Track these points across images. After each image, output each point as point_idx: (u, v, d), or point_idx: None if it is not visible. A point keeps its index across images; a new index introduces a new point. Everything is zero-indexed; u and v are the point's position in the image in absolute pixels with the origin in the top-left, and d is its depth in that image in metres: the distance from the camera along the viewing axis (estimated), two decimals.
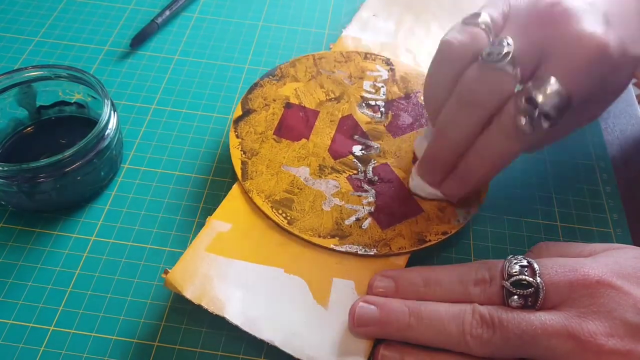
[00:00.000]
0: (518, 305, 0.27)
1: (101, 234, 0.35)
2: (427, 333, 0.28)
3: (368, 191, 0.36)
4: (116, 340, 0.31)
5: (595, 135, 0.43)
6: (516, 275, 0.28)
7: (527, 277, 0.28)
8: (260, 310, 0.30)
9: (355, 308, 0.30)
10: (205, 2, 0.51)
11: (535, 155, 0.41)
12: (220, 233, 0.33)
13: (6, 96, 0.36)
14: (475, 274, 0.29)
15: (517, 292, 0.27)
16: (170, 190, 0.37)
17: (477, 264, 0.30)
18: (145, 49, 0.46)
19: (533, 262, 0.28)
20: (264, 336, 0.29)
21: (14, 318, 0.31)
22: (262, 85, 0.41)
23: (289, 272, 0.32)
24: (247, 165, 0.36)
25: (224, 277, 0.31)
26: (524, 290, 0.27)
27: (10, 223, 0.35)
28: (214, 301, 0.30)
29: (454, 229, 0.34)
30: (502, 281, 0.28)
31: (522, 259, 0.29)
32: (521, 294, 0.27)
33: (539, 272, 0.28)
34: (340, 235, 0.34)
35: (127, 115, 0.41)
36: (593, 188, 0.39)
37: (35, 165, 0.32)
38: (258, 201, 0.35)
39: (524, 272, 0.28)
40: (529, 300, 0.27)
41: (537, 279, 0.27)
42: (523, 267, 0.28)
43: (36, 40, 0.46)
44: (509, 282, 0.28)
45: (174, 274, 0.31)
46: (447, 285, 0.30)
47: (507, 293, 0.28)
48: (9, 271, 0.33)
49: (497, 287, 0.28)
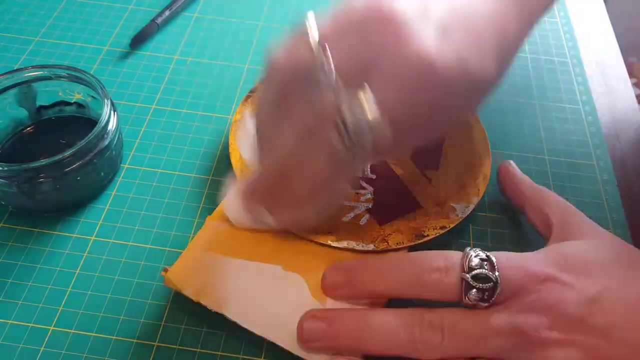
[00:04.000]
0: (475, 298, 0.27)
1: (101, 234, 0.35)
2: (377, 344, 0.28)
3: (366, 188, 0.36)
4: (116, 340, 0.31)
5: (595, 136, 0.43)
6: (477, 268, 0.28)
7: (487, 271, 0.27)
8: (259, 307, 0.30)
9: (302, 323, 0.29)
10: (205, 2, 0.51)
11: (536, 155, 0.41)
12: (219, 232, 0.33)
13: (6, 96, 0.36)
14: (431, 262, 0.29)
15: (477, 285, 0.27)
16: (170, 190, 0.37)
17: (434, 253, 0.30)
18: (145, 49, 0.46)
19: (491, 256, 0.28)
20: (263, 333, 0.30)
21: (14, 318, 0.31)
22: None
23: (287, 269, 0.32)
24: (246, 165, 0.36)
25: (222, 275, 0.31)
26: (483, 285, 0.27)
27: (10, 223, 0.35)
28: (213, 299, 0.30)
29: (452, 223, 0.34)
30: (462, 273, 0.28)
31: (480, 252, 0.28)
32: (480, 288, 0.27)
33: (497, 267, 0.28)
34: (338, 232, 0.34)
35: (127, 115, 0.41)
36: (593, 188, 0.39)
37: (35, 165, 0.32)
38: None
39: (484, 266, 0.28)
40: (486, 294, 0.27)
41: (496, 273, 0.27)
42: (482, 260, 0.28)
43: (36, 40, 0.46)
44: (470, 276, 0.27)
45: (174, 272, 0.31)
46: (398, 272, 0.29)
47: (467, 286, 0.28)
48: (9, 271, 0.33)
49: (455, 278, 0.28)
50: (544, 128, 0.43)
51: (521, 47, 0.31)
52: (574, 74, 0.47)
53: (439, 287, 0.28)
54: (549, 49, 0.49)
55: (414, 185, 0.37)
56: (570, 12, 0.53)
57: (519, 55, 0.48)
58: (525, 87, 0.46)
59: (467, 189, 0.36)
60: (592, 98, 0.45)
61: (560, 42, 0.50)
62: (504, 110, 0.44)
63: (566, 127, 0.43)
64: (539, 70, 0.47)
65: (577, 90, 0.46)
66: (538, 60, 0.48)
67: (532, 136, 0.42)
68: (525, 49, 0.49)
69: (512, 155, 0.41)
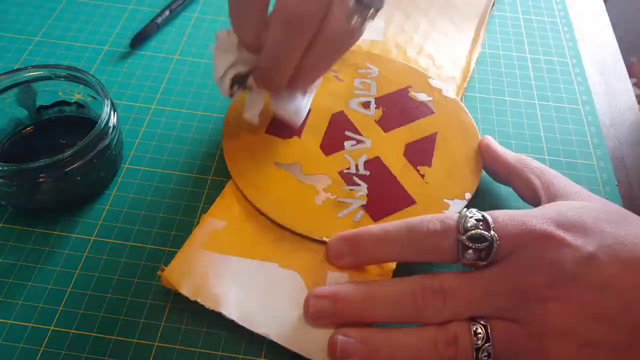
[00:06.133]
0: (472, 258, 0.28)
1: (101, 234, 0.35)
2: (382, 314, 0.29)
3: (360, 185, 0.36)
4: (116, 340, 0.31)
5: (594, 135, 0.43)
6: (472, 229, 0.28)
7: (483, 231, 0.28)
8: (256, 305, 0.31)
9: (308, 301, 0.30)
10: (205, 2, 0.51)
11: (536, 155, 0.41)
12: (215, 230, 0.33)
13: (6, 96, 0.36)
14: (428, 226, 0.30)
15: (473, 246, 0.28)
16: (170, 190, 0.37)
17: (428, 217, 0.30)
18: (145, 49, 0.46)
19: (487, 216, 0.29)
20: (260, 330, 0.30)
21: (14, 318, 0.31)
22: None
23: (284, 267, 0.32)
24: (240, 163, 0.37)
25: (219, 274, 0.32)
26: (479, 245, 0.28)
27: (10, 223, 0.35)
28: (210, 297, 0.30)
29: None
30: (457, 235, 0.29)
31: (476, 213, 0.29)
32: (476, 248, 0.28)
33: (492, 226, 0.28)
34: (332, 228, 0.34)
35: (127, 115, 0.41)
36: (593, 188, 0.39)
37: (35, 165, 0.32)
38: (251, 198, 0.35)
39: (479, 227, 0.28)
40: (482, 253, 0.28)
41: (491, 232, 0.28)
42: (478, 220, 0.29)
43: (36, 40, 0.46)
44: (465, 237, 0.28)
45: (170, 271, 0.31)
46: (397, 238, 0.30)
47: (463, 247, 0.28)
48: (9, 271, 0.33)
49: (452, 240, 0.29)
50: (544, 128, 0.43)
51: None
52: (573, 74, 0.47)
53: (437, 250, 0.29)
54: (549, 49, 0.49)
55: (408, 181, 0.37)
56: (570, 12, 0.53)
57: (518, 55, 0.48)
58: (525, 87, 0.46)
59: (460, 184, 0.37)
60: (592, 98, 0.45)
61: (561, 42, 0.50)
62: (503, 111, 0.44)
63: (566, 127, 0.43)
64: (539, 70, 0.47)
65: (577, 90, 0.46)
66: (538, 60, 0.48)
67: (532, 136, 0.42)
68: (525, 49, 0.49)
69: None
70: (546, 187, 0.33)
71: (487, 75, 0.47)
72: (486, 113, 0.44)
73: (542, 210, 0.30)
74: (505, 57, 0.48)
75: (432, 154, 0.38)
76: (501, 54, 0.49)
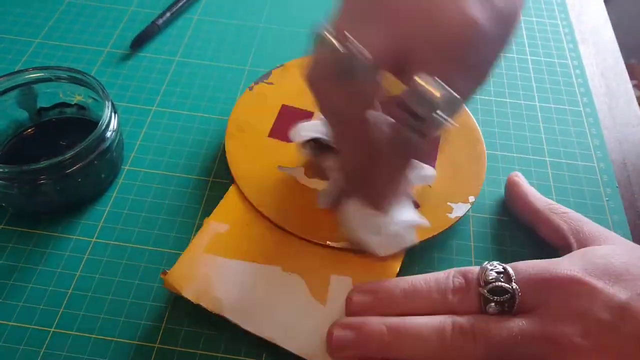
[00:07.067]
0: (495, 311, 0.28)
1: (102, 236, 0.35)
2: (407, 349, 0.28)
3: None
4: (117, 341, 0.30)
5: (595, 137, 0.43)
6: (493, 282, 0.28)
7: (503, 283, 0.28)
8: (259, 308, 0.31)
9: (332, 334, 0.29)
10: (206, 4, 0.51)
11: (536, 157, 0.41)
12: (218, 234, 0.33)
13: (7, 98, 0.36)
14: (453, 282, 0.29)
15: (494, 298, 0.27)
16: (171, 192, 0.37)
17: (453, 272, 0.30)
18: (146, 50, 0.46)
19: (508, 268, 0.28)
20: (263, 334, 0.30)
21: (14, 320, 0.31)
22: (256, 89, 0.41)
23: (287, 270, 0.32)
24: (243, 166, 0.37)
25: (222, 277, 0.31)
26: (500, 297, 0.27)
27: (11, 225, 0.35)
28: (213, 300, 0.30)
29: (450, 223, 0.35)
30: (478, 288, 0.28)
31: (497, 265, 0.29)
32: (498, 301, 0.27)
33: (514, 278, 0.28)
34: (336, 232, 0.34)
35: (128, 117, 0.41)
36: (593, 190, 0.39)
37: (36, 167, 0.32)
38: (254, 202, 0.35)
39: (500, 279, 0.28)
40: (505, 305, 0.27)
41: (512, 284, 0.28)
42: (499, 273, 0.28)
43: (37, 42, 0.46)
44: (486, 290, 0.28)
45: (173, 274, 0.31)
46: (425, 294, 0.29)
47: (485, 300, 0.28)
48: (10, 273, 0.33)
49: (474, 294, 0.28)
50: (544, 129, 0.43)
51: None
52: (574, 76, 0.47)
53: (461, 306, 0.28)
54: (549, 50, 0.49)
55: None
56: (571, 13, 0.53)
57: (519, 56, 0.48)
58: (526, 88, 0.46)
59: (463, 188, 0.36)
60: (593, 100, 0.45)
61: (561, 43, 0.50)
62: (504, 112, 0.44)
63: (567, 129, 0.43)
64: (540, 71, 0.47)
65: (578, 92, 0.46)
66: (539, 62, 0.48)
67: (533, 138, 0.42)
68: (526, 50, 0.49)
69: (513, 157, 0.41)
70: (576, 233, 0.32)
71: None
72: (487, 115, 0.44)
73: (569, 257, 0.29)
74: (506, 59, 0.48)
75: (436, 158, 0.38)
76: None
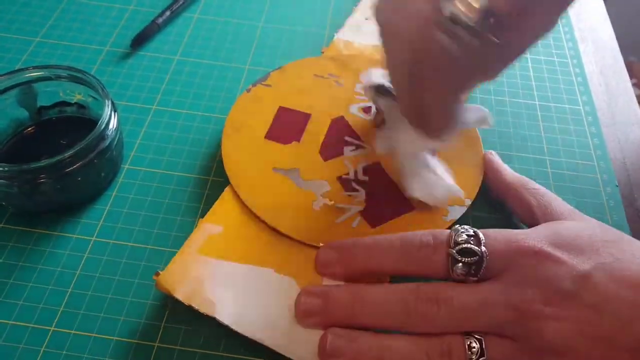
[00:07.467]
0: (462, 272, 0.28)
1: (102, 235, 0.35)
2: (372, 317, 0.29)
3: (358, 191, 0.36)
4: (117, 340, 0.31)
5: (595, 136, 0.43)
6: (462, 244, 0.28)
7: (473, 245, 0.28)
8: (251, 310, 0.30)
9: (299, 299, 0.30)
10: (205, 3, 0.51)
11: (536, 155, 0.41)
12: (212, 235, 0.33)
13: (7, 97, 0.36)
14: (421, 239, 0.30)
15: (462, 259, 0.28)
16: (171, 191, 0.37)
17: (423, 231, 0.30)
18: (145, 49, 0.46)
19: (478, 232, 0.29)
20: (255, 336, 0.30)
21: (14, 318, 0.31)
22: (253, 91, 0.41)
23: (280, 273, 0.32)
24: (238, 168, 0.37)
25: (215, 278, 0.31)
26: (468, 259, 0.28)
27: (10, 224, 0.35)
28: (205, 302, 0.30)
29: (445, 225, 0.35)
30: (448, 249, 0.29)
31: (468, 229, 0.29)
32: (465, 262, 0.28)
33: (483, 242, 0.29)
34: (330, 234, 0.34)
35: (128, 115, 0.41)
36: (593, 188, 0.39)
37: (36, 165, 0.32)
38: (249, 203, 0.35)
39: (470, 241, 0.29)
40: (472, 268, 0.28)
41: (482, 247, 0.28)
42: (469, 236, 0.29)
43: (37, 40, 0.46)
44: (455, 250, 0.28)
45: (165, 275, 0.31)
46: (388, 249, 0.30)
47: (453, 260, 0.28)
48: (10, 272, 0.33)
49: (442, 254, 0.29)
50: (544, 128, 0.43)
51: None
52: (574, 74, 0.47)
53: (427, 262, 0.29)
54: (549, 48, 0.49)
55: None
56: (570, 11, 0.53)
57: None
58: (525, 87, 0.46)
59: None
60: (592, 98, 0.45)
61: (561, 42, 0.50)
62: (503, 111, 0.44)
63: (566, 127, 0.43)
64: (539, 70, 0.47)
65: (577, 90, 0.46)
66: (538, 61, 0.48)
67: (532, 136, 0.42)
68: None
69: (512, 155, 0.41)
70: (543, 208, 0.33)
71: None
72: None
73: (537, 229, 0.30)
74: None
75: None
76: None
